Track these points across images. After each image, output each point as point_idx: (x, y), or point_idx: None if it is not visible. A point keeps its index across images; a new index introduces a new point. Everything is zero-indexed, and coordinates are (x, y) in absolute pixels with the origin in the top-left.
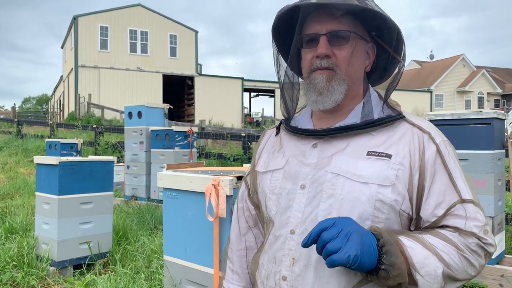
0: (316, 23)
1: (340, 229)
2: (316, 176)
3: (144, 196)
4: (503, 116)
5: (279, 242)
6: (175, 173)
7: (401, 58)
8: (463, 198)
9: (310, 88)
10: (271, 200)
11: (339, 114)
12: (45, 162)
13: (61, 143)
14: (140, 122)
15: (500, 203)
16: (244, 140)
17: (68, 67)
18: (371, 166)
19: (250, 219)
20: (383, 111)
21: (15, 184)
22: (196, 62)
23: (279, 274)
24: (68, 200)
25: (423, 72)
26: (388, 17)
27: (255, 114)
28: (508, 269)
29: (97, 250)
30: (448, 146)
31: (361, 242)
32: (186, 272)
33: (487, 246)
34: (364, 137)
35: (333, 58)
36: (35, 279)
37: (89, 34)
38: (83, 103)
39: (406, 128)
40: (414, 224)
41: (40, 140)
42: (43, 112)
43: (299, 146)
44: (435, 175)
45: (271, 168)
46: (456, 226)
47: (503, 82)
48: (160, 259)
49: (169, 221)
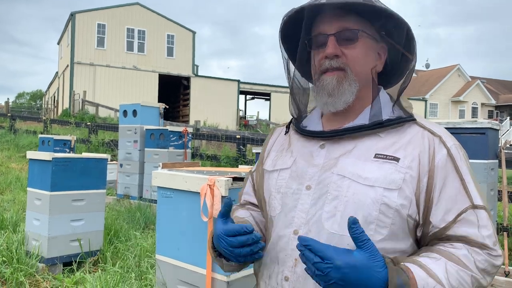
0: (323, 24)
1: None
2: (322, 177)
3: (136, 195)
4: (497, 127)
5: (282, 242)
6: (170, 172)
7: (412, 57)
8: (475, 204)
9: (320, 90)
10: (276, 199)
11: (348, 116)
12: (38, 158)
13: (54, 139)
14: (135, 120)
15: (492, 213)
16: (238, 143)
17: (63, 64)
18: (378, 169)
19: (253, 211)
20: (393, 112)
21: (6, 179)
22: (193, 63)
23: (281, 274)
24: (60, 197)
25: (419, 80)
26: (396, 14)
27: (250, 117)
28: (498, 279)
29: (88, 248)
30: (459, 150)
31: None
32: (178, 272)
33: (496, 259)
34: (372, 139)
35: (343, 58)
36: (24, 275)
37: (86, 31)
38: (77, 100)
39: (416, 131)
40: (421, 230)
41: (32, 136)
42: (37, 108)
43: (307, 146)
44: (446, 179)
45: (279, 167)
46: (467, 236)
47: (497, 93)
48: (151, 258)
49: (162, 220)
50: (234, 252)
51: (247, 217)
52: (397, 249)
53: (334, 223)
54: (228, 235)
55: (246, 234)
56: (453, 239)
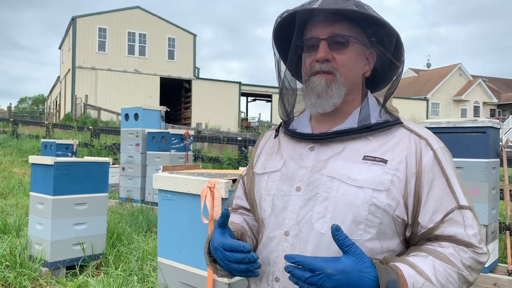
0: (316, 28)
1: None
2: (312, 179)
3: (138, 198)
4: (498, 125)
5: (273, 243)
6: (171, 175)
7: (400, 64)
8: (461, 204)
9: (309, 91)
10: (266, 201)
11: (337, 118)
12: (40, 162)
13: (56, 143)
14: (137, 124)
15: (494, 212)
16: (240, 144)
17: (65, 68)
18: (366, 171)
19: (246, 216)
20: (380, 116)
21: (9, 184)
22: (194, 66)
23: (272, 275)
24: (63, 201)
25: (420, 80)
26: (387, 23)
27: (251, 119)
28: (501, 278)
29: (91, 252)
30: (445, 152)
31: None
32: (180, 275)
33: (481, 256)
34: (360, 141)
35: (333, 62)
36: (27, 279)
37: (87, 36)
38: (79, 104)
39: (403, 133)
40: (410, 230)
41: (35, 141)
42: (39, 113)
43: (297, 148)
44: (433, 180)
45: (268, 170)
46: (453, 236)
47: (499, 92)
48: (154, 261)
49: (164, 223)
50: (230, 266)
51: (241, 222)
52: (385, 248)
53: (324, 223)
54: (225, 249)
55: (243, 252)
56: (440, 238)
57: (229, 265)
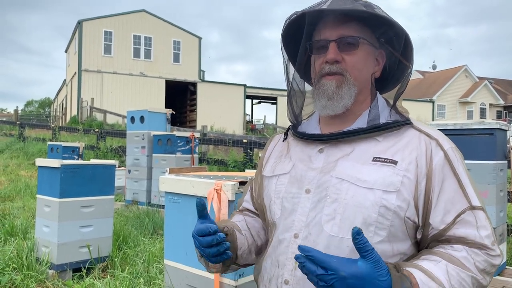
0: (325, 30)
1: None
2: (321, 180)
3: (144, 201)
4: (506, 127)
5: (282, 245)
6: (177, 177)
7: (409, 64)
8: (473, 205)
9: (319, 93)
10: (275, 204)
11: (346, 120)
12: (47, 165)
13: (63, 146)
14: (142, 126)
15: (502, 214)
16: (245, 147)
17: (71, 71)
18: (376, 172)
19: (248, 217)
20: (390, 116)
21: (16, 186)
22: (199, 68)
23: (281, 277)
24: (69, 203)
25: (426, 82)
26: (396, 23)
27: (257, 121)
28: (509, 281)
29: (97, 254)
30: (456, 152)
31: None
32: (186, 277)
33: (495, 259)
34: (369, 142)
35: (343, 64)
36: (34, 281)
37: (93, 39)
38: (85, 107)
39: (413, 134)
40: (421, 232)
41: (41, 143)
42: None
43: (306, 150)
44: (444, 181)
45: (278, 173)
46: (465, 237)
47: (505, 94)
48: (160, 263)
49: (170, 225)
50: (205, 251)
51: (239, 221)
52: (396, 251)
53: (334, 225)
54: (199, 235)
55: (210, 235)
56: (452, 240)
57: (204, 251)
